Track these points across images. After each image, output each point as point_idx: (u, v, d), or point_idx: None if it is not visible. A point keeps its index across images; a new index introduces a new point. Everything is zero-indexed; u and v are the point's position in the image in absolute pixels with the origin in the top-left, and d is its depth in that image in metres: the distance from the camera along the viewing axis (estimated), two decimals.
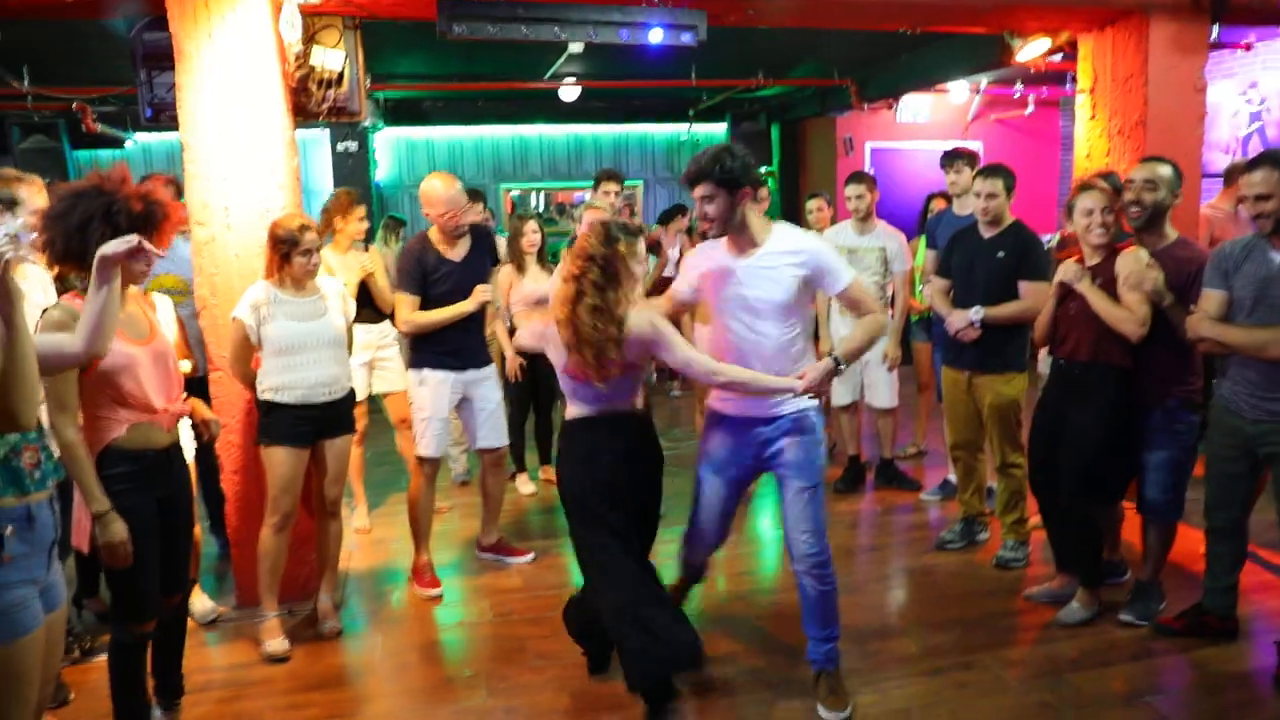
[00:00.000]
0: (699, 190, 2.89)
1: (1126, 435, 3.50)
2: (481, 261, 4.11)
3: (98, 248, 2.32)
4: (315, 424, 3.51)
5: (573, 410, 2.99)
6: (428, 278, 3.95)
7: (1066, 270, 3.49)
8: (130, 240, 2.24)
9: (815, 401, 2.94)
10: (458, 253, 4.03)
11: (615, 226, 2.82)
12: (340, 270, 4.46)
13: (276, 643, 3.52)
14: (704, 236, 3.03)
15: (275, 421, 3.47)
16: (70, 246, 2.44)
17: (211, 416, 3.06)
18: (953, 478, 4.85)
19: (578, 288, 2.77)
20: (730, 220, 2.90)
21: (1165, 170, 3.42)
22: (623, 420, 2.96)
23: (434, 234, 4.04)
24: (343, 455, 3.64)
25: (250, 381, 3.53)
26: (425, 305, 3.96)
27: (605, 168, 5.73)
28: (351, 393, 3.67)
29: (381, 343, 4.80)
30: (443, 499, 5.24)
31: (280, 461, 3.47)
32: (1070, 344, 3.54)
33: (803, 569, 3.02)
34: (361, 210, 4.66)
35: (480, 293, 3.96)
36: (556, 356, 2.92)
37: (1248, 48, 6.66)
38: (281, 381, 3.44)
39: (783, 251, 2.91)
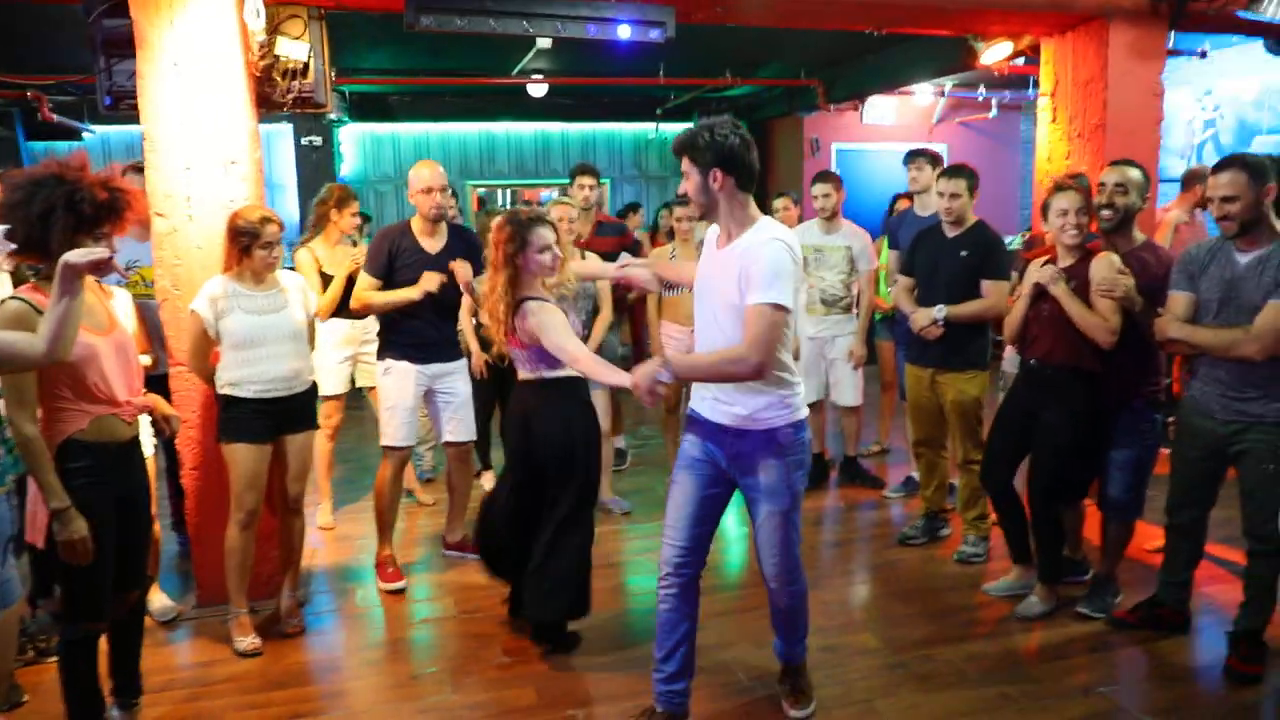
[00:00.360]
0: (683, 165, 2.68)
1: (1095, 438, 3.56)
2: (454, 257, 4.03)
3: (60, 237, 2.28)
4: (275, 419, 3.46)
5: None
6: (394, 262, 3.94)
7: (1042, 273, 3.49)
8: (98, 253, 2.22)
9: (796, 415, 2.71)
10: (434, 244, 4.01)
11: (515, 220, 3.23)
12: (329, 264, 4.43)
13: (248, 640, 3.48)
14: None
15: (234, 417, 3.42)
16: (31, 236, 2.38)
17: (171, 412, 3.01)
18: (915, 475, 4.92)
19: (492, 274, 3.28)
20: (703, 201, 2.67)
21: (1135, 174, 3.50)
22: (529, 385, 3.39)
23: (416, 222, 4.04)
24: (304, 451, 3.60)
25: (209, 376, 3.48)
26: (390, 289, 3.96)
27: (581, 162, 5.72)
28: (313, 388, 3.63)
29: (365, 337, 4.75)
30: (429, 494, 5.23)
31: (242, 459, 3.42)
32: (1042, 345, 3.58)
33: (773, 586, 2.92)
34: (355, 205, 4.69)
35: (426, 280, 3.89)
36: None
37: (1203, 55, 6.82)
38: (240, 376, 3.40)
39: (740, 246, 2.63)
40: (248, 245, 3.35)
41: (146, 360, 3.45)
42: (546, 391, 3.37)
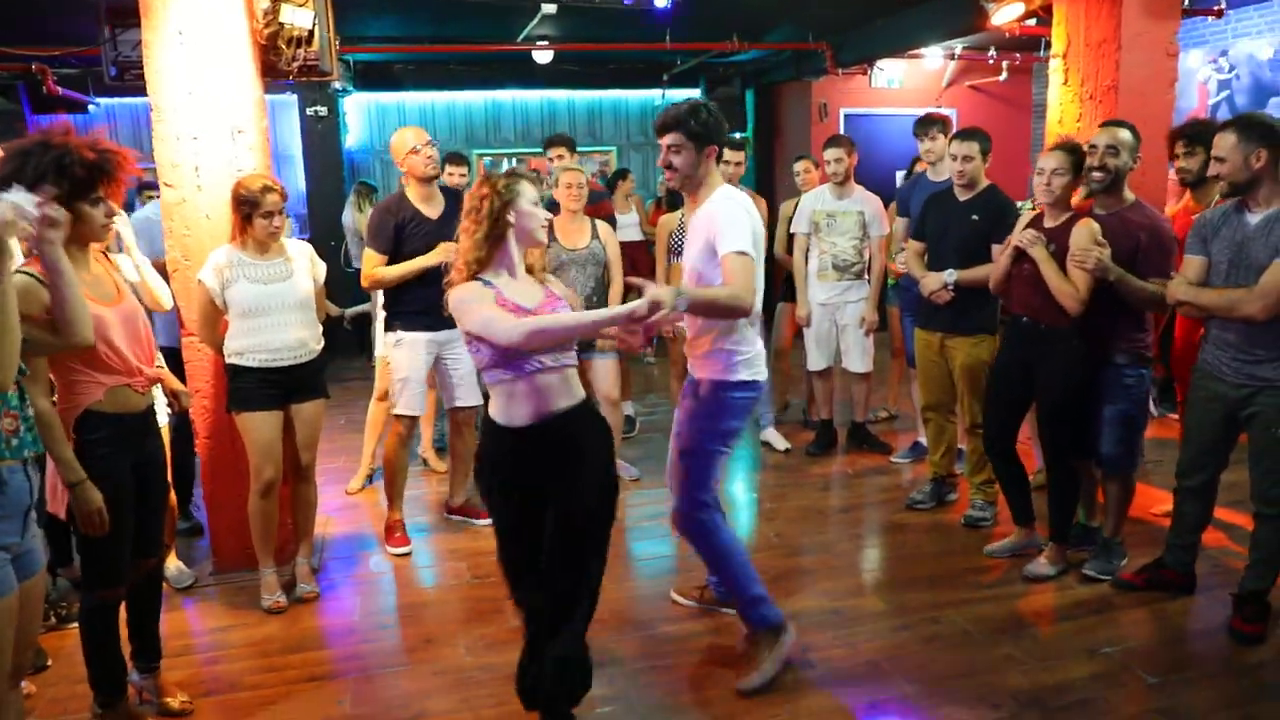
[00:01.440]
0: (669, 139, 2.89)
1: (1089, 388, 3.58)
2: (455, 221, 4.04)
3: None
4: (282, 387, 3.50)
5: None
6: (401, 233, 3.94)
7: (1023, 235, 3.57)
8: (30, 203, 1.98)
9: (735, 375, 2.91)
10: (434, 210, 4.02)
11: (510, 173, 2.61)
12: None
13: (273, 597, 3.58)
14: (668, 194, 3.05)
15: (241, 386, 3.46)
16: None
17: (181, 388, 3.05)
18: (923, 440, 4.93)
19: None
20: (693, 176, 2.91)
21: (1126, 134, 3.49)
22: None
23: (410, 191, 4.03)
24: (313, 420, 3.64)
25: (218, 346, 3.51)
26: (397, 262, 3.96)
27: (556, 134, 5.70)
28: (321, 356, 3.65)
29: None
30: (444, 462, 5.27)
31: (255, 427, 3.46)
32: (1024, 302, 3.62)
33: (677, 527, 3.11)
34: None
35: (444, 248, 3.85)
36: None
37: (1219, 14, 6.71)
38: (246, 345, 3.43)
39: (705, 211, 2.91)
40: (249, 214, 3.36)
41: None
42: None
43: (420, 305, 3.98)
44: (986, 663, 3.11)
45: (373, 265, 3.98)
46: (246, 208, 3.36)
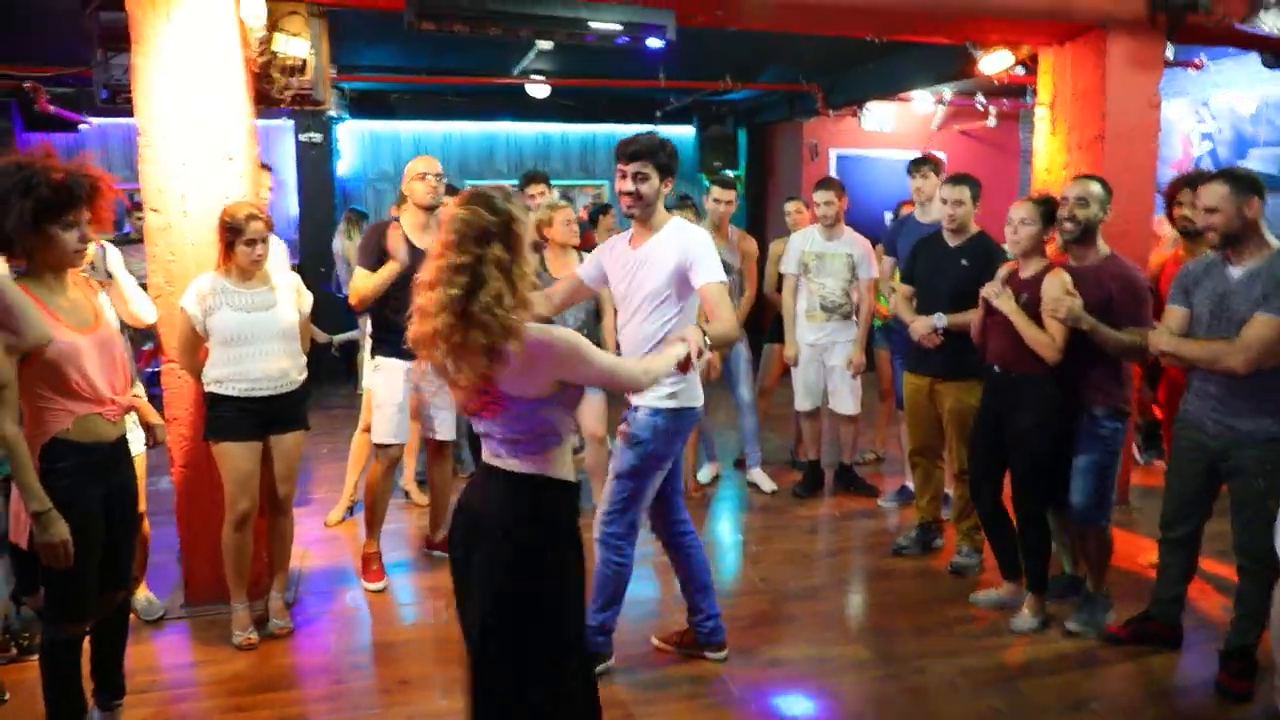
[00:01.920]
0: (635, 166, 2.98)
1: (1065, 440, 3.56)
2: None
3: (20, 226, 2.26)
4: (261, 417, 3.44)
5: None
6: (385, 256, 3.89)
7: (988, 288, 3.61)
8: None
9: (661, 403, 2.98)
10: (425, 238, 3.99)
11: (497, 192, 2.11)
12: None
13: (244, 634, 3.50)
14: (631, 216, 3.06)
15: (220, 415, 3.41)
16: None
17: (158, 421, 2.99)
18: (910, 484, 4.91)
19: (472, 274, 1.98)
20: (653, 204, 3.02)
21: (1096, 188, 3.51)
22: (516, 484, 2.13)
23: (407, 216, 4.03)
24: (292, 452, 3.58)
25: (198, 373, 3.46)
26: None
27: (531, 170, 5.72)
28: (303, 388, 3.59)
29: None
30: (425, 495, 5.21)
31: (231, 456, 3.41)
32: (999, 352, 3.62)
33: (597, 536, 3.15)
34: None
35: (394, 239, 3.86)
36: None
37: (1199, 66, 6.82)
38: (226, 373, 3.38)
39: (669, 239, 3.01)
40: (232, 241, 3.33)
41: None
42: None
43: (400, 330, 3.93)
44: (973, 716, 3.06)
45: (358, 283, 3.95)
46: (230, 235, 3.33)
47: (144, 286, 3.70)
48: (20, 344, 2.19)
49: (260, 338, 3.39)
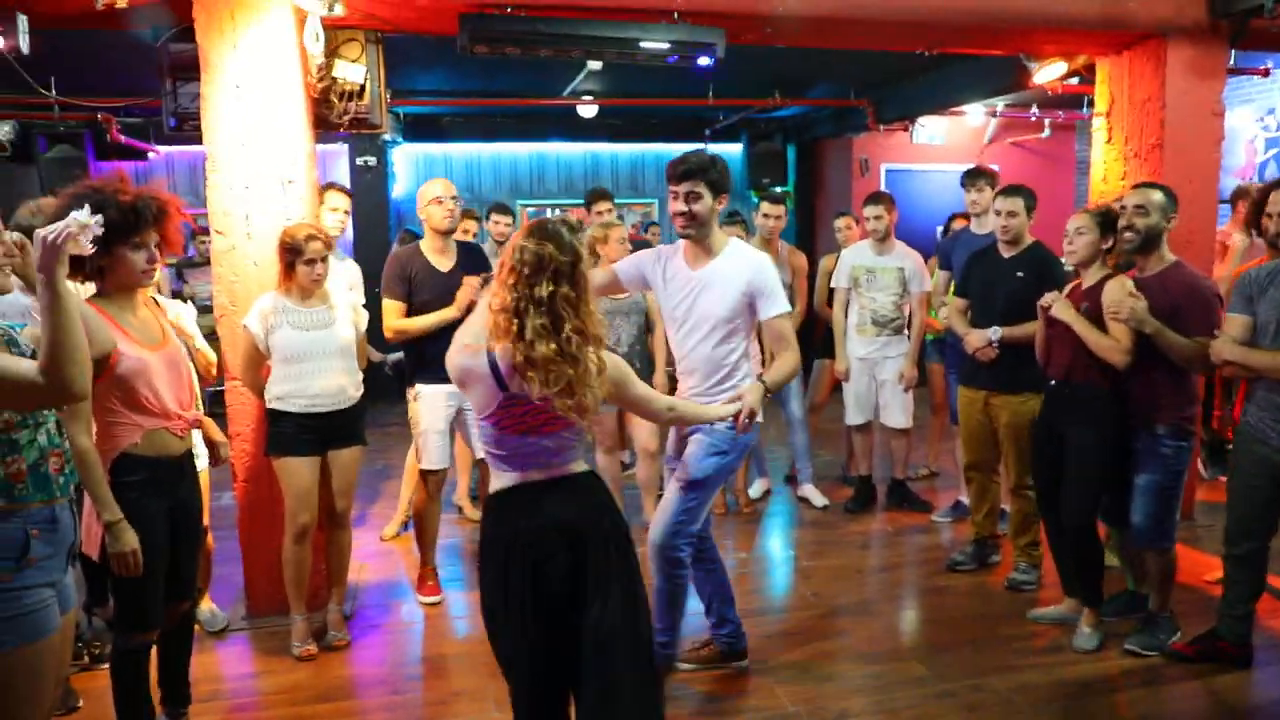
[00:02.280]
0: (687, 186, 2.98)
1: (1123, 455, 3.48)
2: (466, 274, 4.00)
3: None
4: (321, 434, 3.52)
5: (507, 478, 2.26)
6: (411, 283, 3.95)
7: (1045, 298, 3.55)
8: (71, 224, 1.86)
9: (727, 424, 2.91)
10: (445, 263, 4.03)
11: (563, 226, 2.19)
12: None
13: (304, 645, 3.58)
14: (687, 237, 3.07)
15: (281, 431, 3.50)
16: None
17: (222, 439, 3.08)
18: (965, 499, 4.83)
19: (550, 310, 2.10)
20: (708, 223, 3.03)
21: (1157, 195, 3.42)
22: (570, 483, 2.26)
23: (426, 241, 4.07)
24: (349, 467, 3.65)
25: (260, 390, 3.56)
26: (408, 314, 3.97)
27: (595, 187, 5.75)
28: (360, 404, 3.66)
29: None
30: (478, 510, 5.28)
31: (292, 472, 3.49)
32: (1061, 365, 3.55)
33: (651, 554, 3.07)
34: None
35: (467, 289, 3.83)
36: (482, 396, 2.20)
37: (1265, 73, 6.65)
38: (286, 390, 3.47)
39: (734, 267, 3.02)
40: (292, 262, 3.42)
41: (213, 357, 3.55)
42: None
43: (439, 358, 3.98)
44: None
45: (394, 315, 3.96)
46: (290, 255, 3.42)
47: (209, 309, 3.83)
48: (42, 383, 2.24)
49: (318, 355, 3.48)
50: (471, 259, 4.14)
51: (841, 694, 3.25)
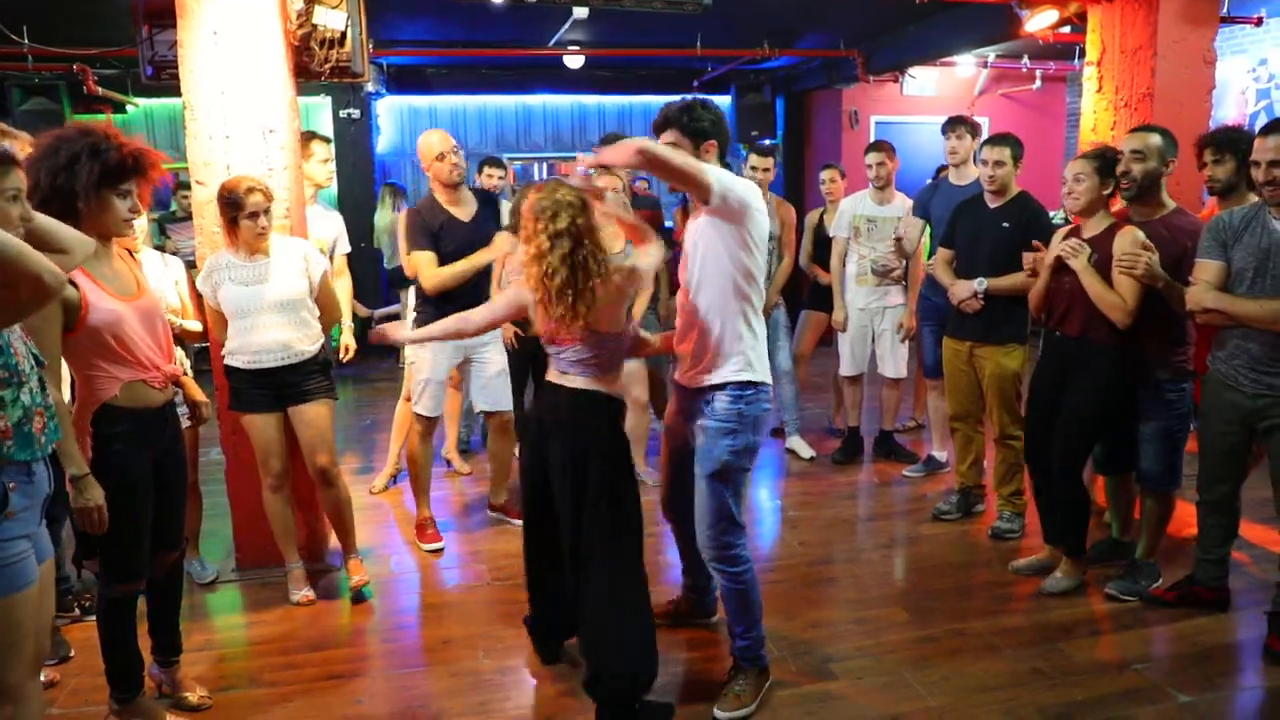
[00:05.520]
0: (664, 137, 2.77)
1: (1120, 409, 3.50)
2: (488, 223, 4.12)
3: (86, 186, 2.32)
4: (273, 389, 3.48)
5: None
6: (437, 235, 3.96)
7: (1064, 245, 3.47)
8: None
9: (739, 376, 2.73)
10: (465, 212, 4.04)
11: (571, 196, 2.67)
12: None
13: (302, 592, 3.63)
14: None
15: (235, 387, 3.51)
16: (57, 184, 2.40)
17: (202, 398, 3.05)
18: (936, 454, 4.93)
19: (570, 236, 2.64)
20: None
21: (1154, 139, 3.38)
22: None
23: (439, 194, 4.05)
24: (315, 423, 3.54)
25: None
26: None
27: (610, 132, 5.69)
28: (315, 359, 3.53)
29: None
30: (467, 464, 5.35)
31: (253, 426, 3.52)
32: (1064, 318, 3.53)
33: (708, 560, 2.87)
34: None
35: (501, 240, 3.94)
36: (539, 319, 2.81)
37: (1258, 22, 6.59)
38: (233, 346, 3.45)
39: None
40: (234, 216, 3.32)
41: (197, 326, 3.51)
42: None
43: (453, 307, 3.98)
44: (1013, 676, 3.05)
45: (430, 266, 3.92)
46: (231, 210, 3.31)
47: (193, 264, 3.79)
48: (70, 260, 2.19)
49: (257, 310, 3.39)
50: (489, 205, 4.19)
51: (827, 639, 3.30)
